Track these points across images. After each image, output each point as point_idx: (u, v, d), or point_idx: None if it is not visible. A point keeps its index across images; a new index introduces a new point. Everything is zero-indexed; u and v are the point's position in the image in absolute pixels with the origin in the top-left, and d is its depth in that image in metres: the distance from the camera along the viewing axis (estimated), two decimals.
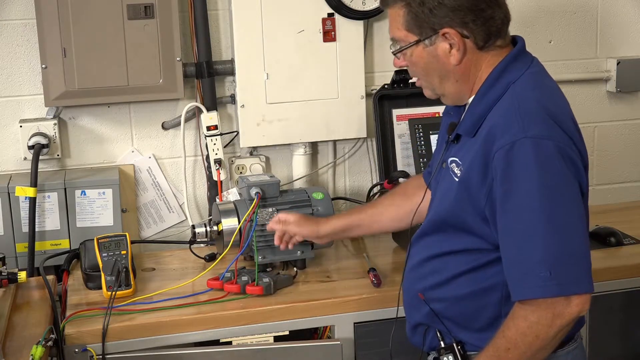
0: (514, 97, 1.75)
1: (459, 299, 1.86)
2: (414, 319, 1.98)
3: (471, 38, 1.77)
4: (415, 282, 1.95)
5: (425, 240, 1.93)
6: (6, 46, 2.66)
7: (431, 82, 1.86)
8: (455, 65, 1.79)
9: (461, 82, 1.82)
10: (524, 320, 1.70)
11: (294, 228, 2.26)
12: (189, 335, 2.21)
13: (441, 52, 1.79)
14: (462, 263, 1.84)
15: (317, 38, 2.75)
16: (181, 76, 2.66)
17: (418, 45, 1.80)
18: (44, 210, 2.60)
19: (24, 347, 1.98)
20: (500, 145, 1.69)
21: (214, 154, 2.74)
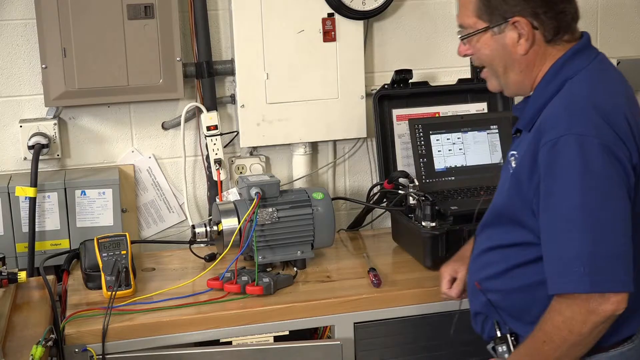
0: (567, 94, 1.77)
1: (512, 292, 1.89)
2: (473, 307, 2.02)
3: (540, 30, 1.79)
4: (475, 272, 1.99)
5: (486, 231, 1.97)
6: (6, 46, 2.66)
7: (495, 71, 1.88)
8: (522, 55, 1.81)
9: (524, 73, 1.84)
10: (558, 314, 1.72)
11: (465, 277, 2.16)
12: (189, 335, 2.21)
13: (509, 41, 1.81)
14: (515, 257, 1.87)
15: (317, 38, 2.75)
16: (181, 76, 2.66)
17: (486, 32, 1.83)
18: (44, 210, 2.60)
19: (24, 347, 1.98)
20: (546, 140, 1.72)
21: (214, 154, 2.74)
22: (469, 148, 2.73)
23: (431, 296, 2.33)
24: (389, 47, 2.91)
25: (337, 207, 2.90)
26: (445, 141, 2.72)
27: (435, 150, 2.71)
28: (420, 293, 2.34)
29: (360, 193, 2.96)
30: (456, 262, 2.20)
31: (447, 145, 2.72)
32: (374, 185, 2.83)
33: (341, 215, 2.95)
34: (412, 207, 2.54)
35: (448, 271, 2.20)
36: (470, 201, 2.57)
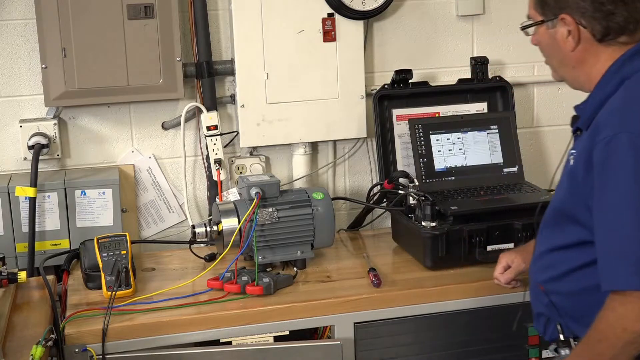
0: (623, 93, 1.79)
1: (574, 294, 1.89)
2: (536, 308, 2.02)
3: (588, 28, 1.81)
4: (536, 273, 1.99)
5: (546, 231, 1.97)
6: (6, 46, 2.66)
7: (552, 64, 1.93)
8: (571, 51, 1.84)
9: (578, 70, 1.87)
10: (612, 311, 1.72)
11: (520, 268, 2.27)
12: (189, 335, 2.21)
13: (559, 37, 1.85)
14: (576, 258, 1.87)
15: (317, 38, 2.75)
16: (181, 76, 2.66)
17: (542, 25, 1.88)
18: (44, 210, 2.60)
19: (24, 347, 1.98)
20: (600, 138, 1.73)
21: (214, 154, 2.74)
22: (469, 148, 2.73)
23: (431, 296, 2.33)
24: (389, 47, 2.91)
25: (337, 207, 2.90)
26: (445, 141, 2.72)
27: (435, 150, 2.71)
28: (420, 293, 2.34)
29: (360, 193, 2.96)
30: (515, 252, 2.26)
31: (447, 145, 2.72)
32: (374, 185, 2.83)
33: (341, 215, 2.94)
34: (412, 207, 2.54)
35: (505, 258, 2.28)
36: (471, 201, 2.57)
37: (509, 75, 2.96)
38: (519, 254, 2.27)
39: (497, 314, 2.37)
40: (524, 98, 3.04)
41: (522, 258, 2.24)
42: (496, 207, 2.52)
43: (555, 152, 3.07)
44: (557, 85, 3.05)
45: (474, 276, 2.39)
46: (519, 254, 2.27)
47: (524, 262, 2.23)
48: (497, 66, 2.98)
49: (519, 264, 2.25)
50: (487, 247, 2.43)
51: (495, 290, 2.35)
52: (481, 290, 2.35)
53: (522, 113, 3.00)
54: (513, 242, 2.44)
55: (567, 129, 3.07)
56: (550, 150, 3.10)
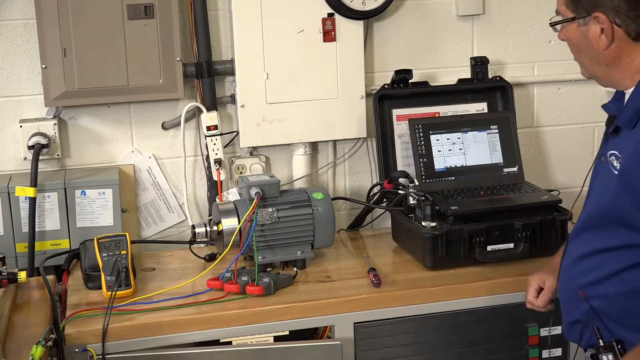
0: None
1: (618, 297, 1.85)
2: (572, 316, 1.97)
3: (622, 27, 1.78)
4: (574, 278, 1.94)
5: (584, 236, 1.92)
6: (6, 46, 2.66)
7: (583, 62, 1.90)
8: (604, 50, 1.81)
9: (612, 68, 1.84)
10: None
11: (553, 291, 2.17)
12: (189, 335, 2.21)
13: (592, 35, 1.82)
14: (622, 260, 1.83)
15: (317, 38, 2.75)
16: (181, 76, 2.66)
17: (573, 22, 1.85)
18: (44, 210, 2.60)
19: (24, 347, 1.98)
20: None
21: (214, 154, 2.74)
22: (469, 148, 2.73)
23: (431, 296, 2.33)
24: (389, 47, 2.91)
25: (337, 207, 2.90)
26: (445, 141, 2.72)
27: (435, 150, 2.71)
28: (420, 293, 2.34)
29: (360, 193, 2.96)
30: (545, 272, 2.17)
31: (447, 145, 2.72)
32: (374, 185, 2.83)
33: (341, 215, 2.95)
34: (412, 207, 2.54)
35: (535, 280, 2.17)
36: (471, 201, 2.57)
37: (509, 75, 2.96)
38: (549, 273, 2.15)
39: (497, 314, 2.37)
40: (524, 98, 3.04)
41: (554, 276, 2.10)
42: (496, 207, 2.52)
43: (555, 152, 3.07)
44: (557, 85, 3.05)
45: (474, 276, 2.39)
46: (549, 273, 2.15)
47: (555, 279, 2.09)
48: (497, 66, 2.98)
49: (552, 284, 2.12)
50: (487, 247, 2.43)
51: (495, 290, 2.35)
52: (481, 290, 2.35)
53: (522, 113, 3.00)
54: (513, 242, 2.44)
55: (567, 128, 3.11)
56: (550, 150, 3.10)
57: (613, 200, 1.81)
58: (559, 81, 3.06)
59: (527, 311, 2.20)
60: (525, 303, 2.19)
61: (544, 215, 2.46)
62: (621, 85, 1.87)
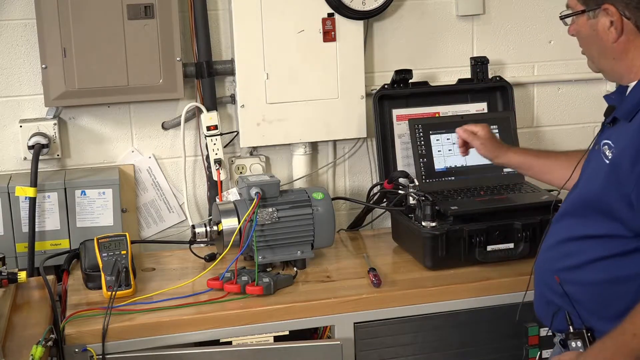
0: None
1: (593, 285, 1.86)
2: (544, 298, 1.98)
3: (632, 20, 1.78)
4: (551, 261, 1.95)
5: (566, 220, 1.93)
6: (6, 46, 2.66)
7: (592, 55, 1.90)
8: (613, 42, 1.81)
9: (619, 61, 1.84)
10: None
11: (477, 144, 2.37)
12: (189, 335, 2.21)
13: (601, 27, 1.82)
14: (601, 249, 1.84)
15: (317, 38, 2.75)
16: (181, 76, 2.66)
17: (583, 15, 1.85)
18: (44, 210, 2.60)
19: (24, 347, 1.98)
20: None
21: (214, 154, 2.74)
22: None
23: (431, 296, 2.33)
24: (389, 47, 2.91)
25: (337, 207, 2.90)
26: (445, 141, 2.72)
27: (435, 150, 2.71)
28: (420, 293, 2.34)
29: (360, 193, 2.96)
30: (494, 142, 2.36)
31: (447, 145, 2.72)
32: (374, 185, 2.83)
33: (341, 215, 2.95)
34: (412, 207, 2.54)
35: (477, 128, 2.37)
36: (471, 201, 2.57)
37: (509, 75, 2.96)
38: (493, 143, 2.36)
39: (497, 314, 2.37)
40: (524, 98, 3.04)
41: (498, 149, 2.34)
42: (496, 207, 2.52)
43: None
44: (557, 85, 3.05)
45: (474, 276, 2.39)
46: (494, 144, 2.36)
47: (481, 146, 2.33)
48: (497, 66, 2.98)
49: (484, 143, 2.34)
50: (487, 247, 2.43)
51: (495, 290, 2.35)
52: (481, 290, 2.35)
53: (522, 113, 3.00)
54: (513, 242, 2.44)
55: (567, 128, 3.11)
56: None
57: (601, 189, 1.82)
58: (559, 81, 3.06)
59: (527, 311, 2.19)
60: None
61: (544, 215, 2.46)
62: (625, 79, 1.87)
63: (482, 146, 2.36)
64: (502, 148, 2.38)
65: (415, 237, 2.48)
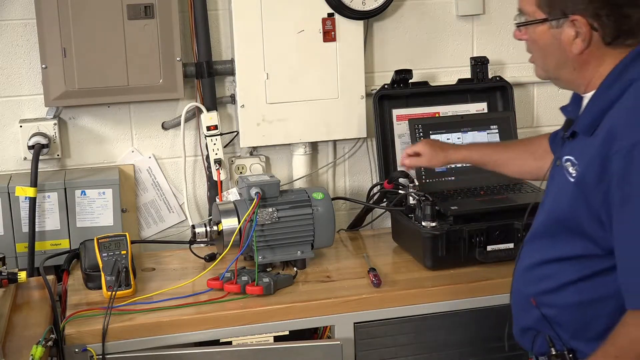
0: (636, 97, 1.69)
1: (571, 307, 1.82)
2: (523, 322, 1.94)
3: (599, 32, 1.72)
4: (526, 285, 1.90)
5: (538, 242, 1.88)
6: (6, 46, 2.66)
7: (546, 64, 1.83)
8: (576, 54, 1.74)
9: (578, 72, 1.78)
10: (636, 329, 1.65)
11: (425, 164, 2.44)
12: (189, 335, 2.21)
13: (565, 38, 1.74)
14: (576, 270, 1.79)
15: (317, 38, 2.75)
16: (181, 76, 2.66)
17: (544, 24, 1.76)
18: (44, 210, 2.60)
19: (24, 347, 1.98)
20: (620, 146, 1.63)
21: (214, 154, 2.74)
22: None
23: (431, 296, 2.33)
24: (389, 47, 2.91)
25: (337, 207, 2.90)
26: (445, 141, 2.72)
27: None
28: (420, 293, 2.34)
29: (360, 193, 2.96)
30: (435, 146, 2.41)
31: None
32: (374, 185, 2.83)
33: (341, 215, 2.95)
34: (412, 207, 2.54)
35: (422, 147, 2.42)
36: (470, 201, 2.57)
37: (509, 75, 2.96)
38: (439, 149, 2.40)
39: (496, 314, 2.37)
40: (524, 98, 3.04)
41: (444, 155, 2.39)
42: (496, 207, 2.53)
43: None
44: None
45: (474, 276, 2.39)
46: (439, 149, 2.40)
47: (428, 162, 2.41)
48: (497, 66, 2.98)
49: (430, 160, 2.40)
50: (487, 247, 2.43)
51: (495, 290, 2.35)
52: (481, 290, 2.36)
53: (522, 113, 3.00)
54: (513, 242, 2.44)
55: None
56: None
57: (569, 209, 1.76)
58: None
59: None
60: None
61: None
62: (582, 89, 1.82)
63: (430, 162, 2.43)
64: (449, 151, 2.41)
65: (415, 237, 2.48)
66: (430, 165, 2.47)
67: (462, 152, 2.41)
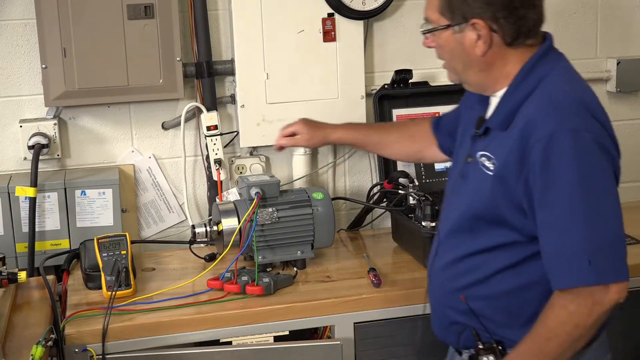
0: (548, 91, 1.77)
1: (498, 297, 1.86)
2: (447, 319, 1.96)
3: (499, 33, 1.79)
4: (449, 281, 1.93)
5: (457, 237, 1.92)
6: (6, 46, 2.67)
7: (455, 68, 1.89)
8: (480, 56, 1.81)
9: (484, 73, 1.85)
10: (563, 309, 1.71)
11: (302, 144, 2.45)
12: (189, 335, 2.21)
13: (467, 41, 1.81)
14: (501, 259, 1.84)
15: (317, 38, 2.75)
16: (181, 76, 2.67)
17: (447, 29, 1.83)
18: (44, 210, 2.60)
19: (24, 347, 1.98)
20: (538, 138, 1.71)
21: (214, 154, 2.74)
22: None
23: None
24: (389, 47, 2.91)
25: (337, 207, 2.90)
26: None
27: None
28: (421, 293, 2.33)
29: (360, 193, 2.96)
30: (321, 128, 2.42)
31: None
32: (374, 185, 2.83)
33: (341, 215, 2.95)
34: (412, 207, 2.54)
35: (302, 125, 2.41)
36: None
37: None
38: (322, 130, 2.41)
39: None
40: None
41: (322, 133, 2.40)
42: None
43: None
44: None
45: None
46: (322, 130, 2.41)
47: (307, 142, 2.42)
48: None
49: (308, 140, 2.41)
50: None
51: None
52: None
53: None
54: None
55: None
56: None
57: (490, 201, 1.81)
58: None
59: None
60: None
61: None
62: (490, 90, 1.88)
63: (308, 142, 2.43)
64: (327, 129, 2.42)
65: (415, 237, 2.48)
66: (308, 145, 2.48)
67: (339, 131, 2.41)
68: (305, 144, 2.47)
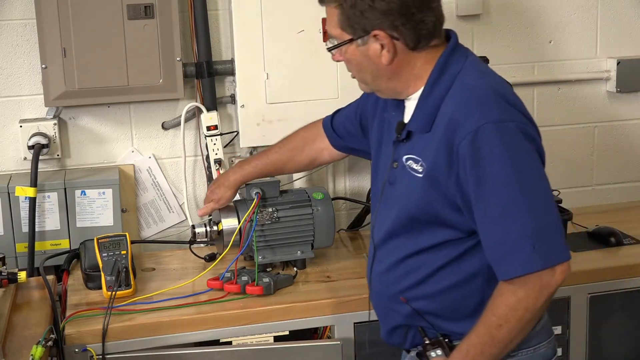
0: (465, 87, 1.79)
1: (441, 293, 1.87)
2: (392, 322, 1.97)
3: (401, 40, 1.80)
4: (390, 285, 1.94)
5: (394, 241, 1.92)
6: (6, 46, 2.66)
7: (365, 79, 1.90)
8: (387, 65, 1.82)
9: (394, 80, 1.85)
10: (512, 295, 1.73)
11: (219, 207, 2.43)
12: (189, 335, 2.21)
13: (372, 52, 1.81)
14: (440, 257, 1.86)
15: (317, 38, 2.75)
16: (181, 76, 2.67)
17: (351, 44, 1.83)
18: (44, 210, 2.60)
19: (24, 347, 1.98)
20: (463, 134, 1.72)
21: (214, 154, 2.74)
22: None
23: None
24: None
25: (337, 207, 2.90)
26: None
27: None
28: None
29: (360, 193, 2.96)
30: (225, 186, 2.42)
31: None
32: None
33: (341, 215, 2.95)
34: None
35: None
36: None
37: (509, 75, 2.96)
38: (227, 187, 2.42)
39: None
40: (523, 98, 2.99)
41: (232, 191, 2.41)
42: None
43: (554, 152, 3.07)
44: (557, 86, 3.05)
45: None
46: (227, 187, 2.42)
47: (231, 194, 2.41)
48: (497, 66, 2.97)
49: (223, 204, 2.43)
50: None
51: None
52: None
53: None
54: None
55: (567, 128, 3.11)
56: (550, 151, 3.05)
57: (422, 203, 1.82)
58: (559, 81, 3.06)
59: None
60: None
61: None
62: (404, 94, 1.88)
63: (223, 204, 2.43)
64: (227, 182, 2.42)
65: None
66: (221, 206, 2.44)
67: (237, 174, 2.42)
68: (221, 206, 2.43)
